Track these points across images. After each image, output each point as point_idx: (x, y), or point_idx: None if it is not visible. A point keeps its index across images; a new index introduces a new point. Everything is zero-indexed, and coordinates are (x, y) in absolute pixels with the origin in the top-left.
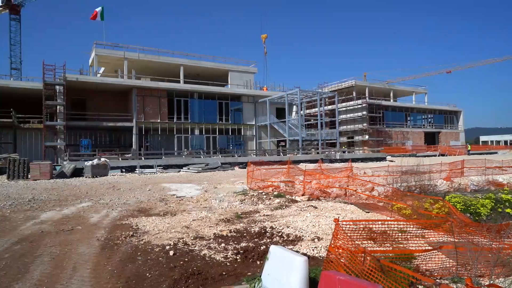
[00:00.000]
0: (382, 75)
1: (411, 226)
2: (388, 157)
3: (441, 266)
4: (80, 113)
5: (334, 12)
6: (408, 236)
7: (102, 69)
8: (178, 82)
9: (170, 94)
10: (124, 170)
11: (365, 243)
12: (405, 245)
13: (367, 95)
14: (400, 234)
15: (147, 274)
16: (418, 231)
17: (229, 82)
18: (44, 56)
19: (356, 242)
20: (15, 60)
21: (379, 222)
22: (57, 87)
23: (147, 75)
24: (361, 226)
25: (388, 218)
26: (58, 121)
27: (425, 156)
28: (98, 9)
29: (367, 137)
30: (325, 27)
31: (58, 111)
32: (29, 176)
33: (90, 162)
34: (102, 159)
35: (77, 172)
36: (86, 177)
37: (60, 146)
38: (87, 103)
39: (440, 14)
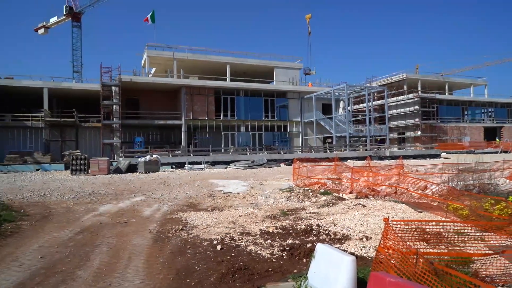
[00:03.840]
0: (436, 66)
1: (469, 228)
2: (443, 154)
3: (504, 272)
4: (133, 112)
5: (382, 4)
6: (466, 239)
7: (154, 69)
8: (225, 80)
9: (217, 92)
10: (174, 166)
11: (417, 245)
12: (462, 248)
13: (419, 88)
14: (456, 236)
15: (196, 267)
16: (477, 234)
17: (274, 79)
18: (101, 58)
19: (408, 243)
20: (77, 64)
21: (433, 223)
22: (113, 88)
23: (195, 74)
24: (413, 226)
25: (443, 219)
26: (114, 120)
27: (484, 153)
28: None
29: (419, 133)
30: (371, 18)
31: (114, 110)
32: (89, 171)
33: (143, 158)
34: (154, 155)
35: (131, 168)
36: (139, 172)
37: (116, 143)
38: (140, 102)
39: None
